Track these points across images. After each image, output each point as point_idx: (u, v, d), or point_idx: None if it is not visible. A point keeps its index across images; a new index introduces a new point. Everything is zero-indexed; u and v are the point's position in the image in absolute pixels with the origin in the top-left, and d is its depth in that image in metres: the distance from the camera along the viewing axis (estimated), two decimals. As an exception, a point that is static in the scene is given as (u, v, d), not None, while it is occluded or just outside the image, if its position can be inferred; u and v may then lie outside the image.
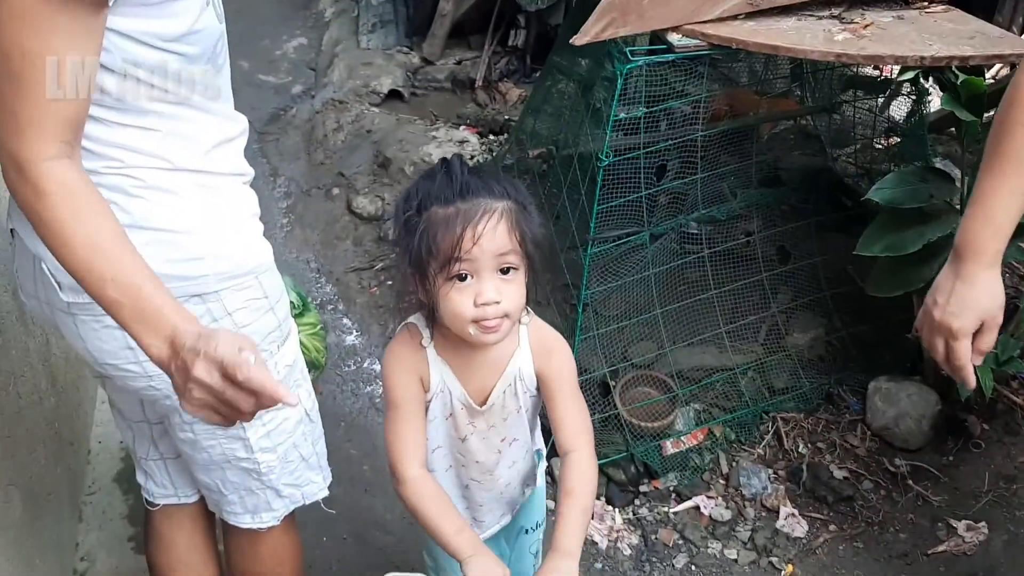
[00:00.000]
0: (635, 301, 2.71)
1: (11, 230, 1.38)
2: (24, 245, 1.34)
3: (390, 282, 3.34)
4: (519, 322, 1.46)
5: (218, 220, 1.35)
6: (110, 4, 1.09)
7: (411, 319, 1.50)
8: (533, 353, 1.50)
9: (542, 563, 1.43)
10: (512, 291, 1.36)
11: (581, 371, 2.61)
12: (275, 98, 4.67)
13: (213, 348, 1.06)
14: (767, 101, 2.90)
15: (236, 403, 1.07)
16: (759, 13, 2.31)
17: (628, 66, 2.29)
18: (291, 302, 1.60)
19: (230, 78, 1.41)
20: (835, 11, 2.36)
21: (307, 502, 1.67)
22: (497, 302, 1.34)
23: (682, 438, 2.61)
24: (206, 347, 1.06)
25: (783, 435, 2.63)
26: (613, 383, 2.64)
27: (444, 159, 1.41)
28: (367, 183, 3.80)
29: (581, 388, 1.55)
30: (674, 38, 2.30)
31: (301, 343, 1.67)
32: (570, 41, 2.26)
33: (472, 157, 3.82)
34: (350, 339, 3.15)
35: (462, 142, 3.94)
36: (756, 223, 2.85)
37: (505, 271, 1.35)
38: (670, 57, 2.31)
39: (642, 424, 2.57)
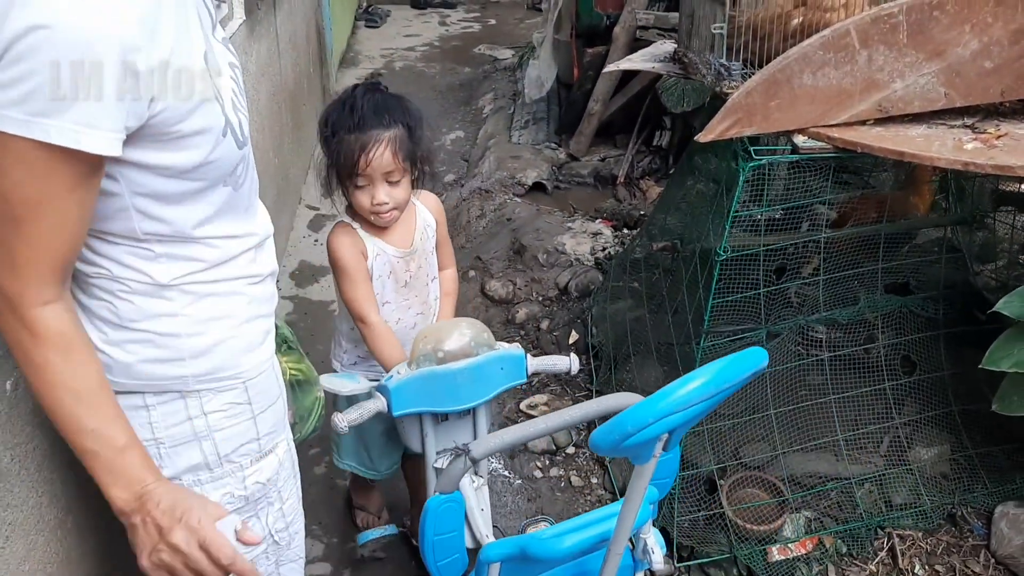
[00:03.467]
0: (750, 400, 2.67)
1: None
2: None
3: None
4: (412, 200, 2.14)
5: (207, 326, 1.31)
6: (116, 154, 1.09)
7: (340, 218, 2.13)
8: (429, 210, 2.23)
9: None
10: (398, 192, 2.03)
11: (688, 465, 2.59)
12: (429, 185, 4.93)
13: (196, 521, 1.16)
14: (899, 199, 2.85)
15: (203, 573, 1.16)
16: (889, 119, 2.31)
17: (751, 164, 2.33)
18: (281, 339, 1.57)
19: (256, 190, 1.41)
20: (969, 121, 2.32)
21: None
22: (386, 203, 2.01)
23: (790, 545, 2.52)
24: (188, 517, 1.16)
25: (898, 553, 2.50)
26: (721, 481, 2.59)
27: (355, 86, 2.02)
28: (501, 268, 3.95)
29: (687, 481, 2.21)
30: (800, 139, 2.33)
31: (294, 370, 1.65)
32: (695, 138, 2.32)
33: (604, 249, 3.90)
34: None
35: (596, 234, 4.03)
36: (881, 329, 2.77)
37: (392, 181, 2.00)
38: (793, 158, 2.34)
39: (748, 526, 2.50)
